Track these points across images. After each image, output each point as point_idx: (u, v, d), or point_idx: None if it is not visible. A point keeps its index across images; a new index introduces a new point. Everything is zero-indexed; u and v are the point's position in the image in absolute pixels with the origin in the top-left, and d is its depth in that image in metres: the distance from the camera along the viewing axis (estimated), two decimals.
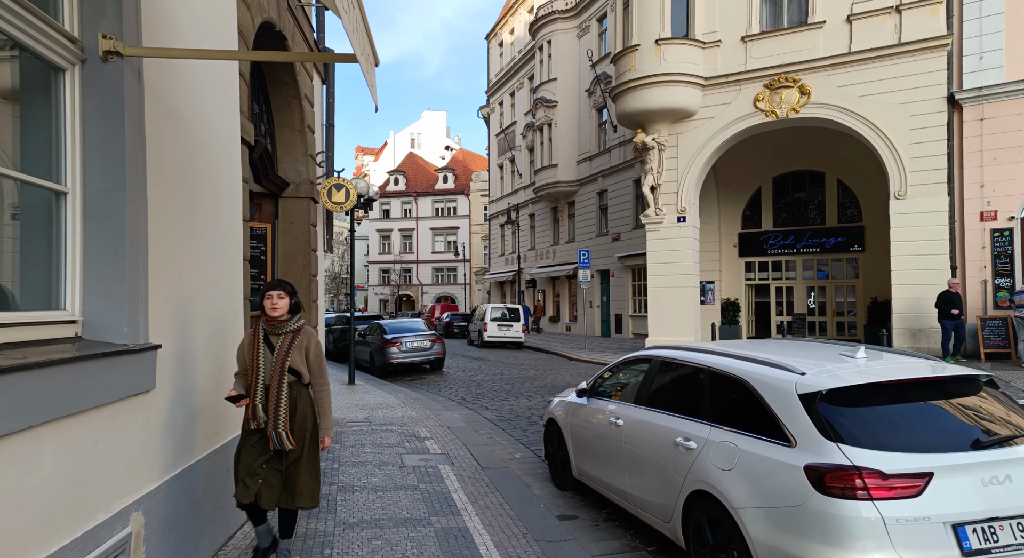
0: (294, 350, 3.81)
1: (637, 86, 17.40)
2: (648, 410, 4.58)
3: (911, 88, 14.48)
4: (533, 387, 13.26)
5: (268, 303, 3.82)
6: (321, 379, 4.04)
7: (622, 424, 4.80)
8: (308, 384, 4.00)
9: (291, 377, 3.84)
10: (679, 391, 4.49)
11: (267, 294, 3.85)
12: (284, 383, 3.76)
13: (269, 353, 3.79)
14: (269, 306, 3.81)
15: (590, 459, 5.40)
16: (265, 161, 6.98)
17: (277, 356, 3.77)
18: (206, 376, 4.08)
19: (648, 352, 5.08)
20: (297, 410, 3.86)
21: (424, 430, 8.59)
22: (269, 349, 3.80)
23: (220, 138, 4.43)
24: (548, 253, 33.61)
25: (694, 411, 4.11)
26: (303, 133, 7.84)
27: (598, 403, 5.41)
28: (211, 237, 4.18)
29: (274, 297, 3.83)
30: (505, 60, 39.85)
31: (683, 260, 17.80)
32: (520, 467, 6.85)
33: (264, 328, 3.85)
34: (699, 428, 3.95)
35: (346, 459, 6.86)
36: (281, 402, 3.73)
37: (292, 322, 3.90)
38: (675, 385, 4.57)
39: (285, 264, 7.89)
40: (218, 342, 4.26)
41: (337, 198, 8.76)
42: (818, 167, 20.51)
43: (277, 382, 3.74)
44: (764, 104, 16.29)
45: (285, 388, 3.76)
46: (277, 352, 3.78)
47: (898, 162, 14.56)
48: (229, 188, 4.59)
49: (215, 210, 4.26)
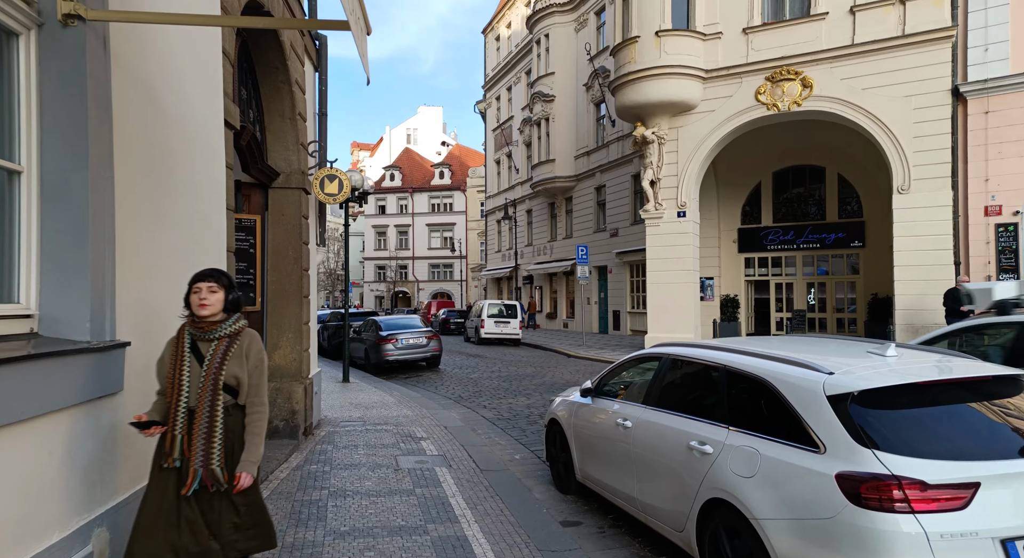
0: (231, 360, 2.95)
1: (637, 79, 17.11)
2: (658, 411, 4.30)
3: (915, 81, 14.24)
4: (532, 385, 12.99)
5: (195, 298, 2.95)
6: (257, 397, 3.08)
7: (630, 426, 4.52)
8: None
9: (227, 397, 2.97)
10: (692, 391, 4.22)
11: (194, 286, 2.97)
12: (218, 405, 2.90)
13: (197, 365, 2.92)
14: (197, 302, 2.94)
15: (595, 462, 5.13)
16: (254, 149, 6.68)
17: (208, 369, 2.90)
18: None
19: (657, 350, 4.80)
20: (234, 442, 3.01)
21: (420, 430, 8.31)
22: (197, 360, 2.93)
23: (201, 119, 4.13)
24: (545, 249, 33.33)
25: (709, 413, 3.84)
26: (294, 121, 7.53)
27: (603, 403, 5.14)
28: (190, 225, 3.88)
29: (203, 290, 2.95)
30: (502, 54, 39.50)
31: (683, 256, 17.54)
32: (520, 469, 6.58)
33: (190, 332, 2.97)
34: (715, 431, 3.67)
35: (338, 461, 6.58)
36: (214, 432, 2.88)
37: (228, 324, 3.01)
38: (687, 385, 4.30)
39: (275, 258, 7.59)
40: None
41: (330, 189, 8.44)
42: (818, 162, 20.28)
43: (208, 405, 2.88)
44: (766, 97, 16.03)
45: (219, 412, 2.91)
46: (208, 364, 2.91)
47: (901, 156, 14.31)
48: (211, 174, 4.29)
49: (194, 196, 3.96)
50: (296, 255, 7.64)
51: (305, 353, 7.73)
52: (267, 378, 3.12)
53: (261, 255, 7.55)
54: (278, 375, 7.49)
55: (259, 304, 7.53)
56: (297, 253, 7.65)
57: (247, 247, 7.44)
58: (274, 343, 7.51)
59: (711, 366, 3.99)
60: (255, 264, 7.49)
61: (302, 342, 7.61)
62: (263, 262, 7.57)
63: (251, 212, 7.52)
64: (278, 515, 4.84)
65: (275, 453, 6.56)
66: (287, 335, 7.55)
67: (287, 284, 7.60)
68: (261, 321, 7.54)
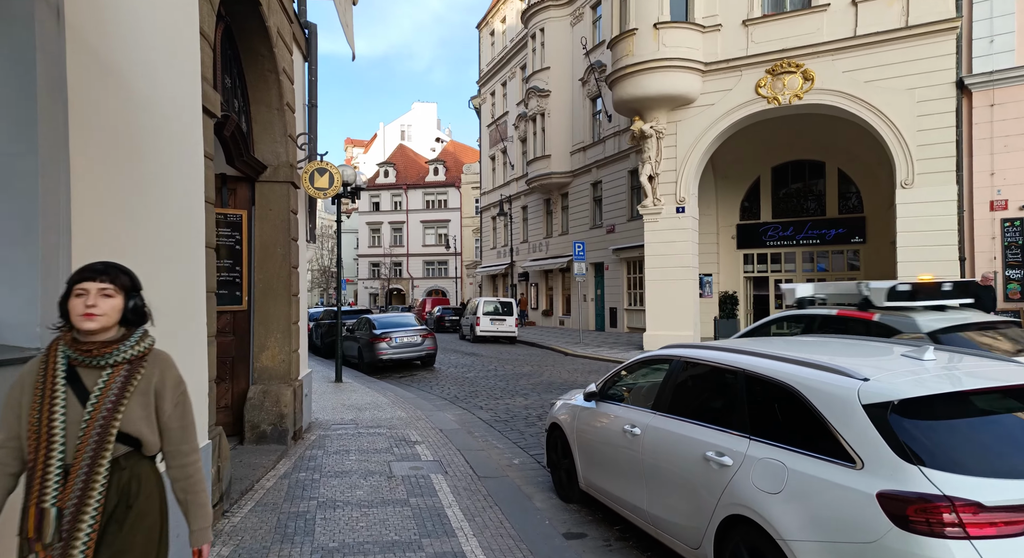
0: (132, 400, 2.02)
1: (635, 72, 16.82)
2: (670, 418, 4.01)
3: (919, 73, 13.98)
4: (529, 385, 12.69)
5: (78, 304, 1.98)
6: (187, 444, 2.19)
7: (639, 433, 4.23)
8: (156, 456, 2.17)
9: (122, 448, 2.02)
10: (707, 397, 3.93)
11: (75, 287, 2.00)
12: (102, 461, 1.94)
13: (77, 404, 1.96)
14: (80, 310, 1.97)
15: (600, 470, 4.83)
16: (239, 140, 6.35)
17: (96, 409, 1.95)
18: None
19: (667, 351, 4.50)
20: (132, 511, 2.03)
21: (415, 433, 8.01)
22: (78, 396, 1.96)
23: (174, 104, 3.80)
24: (541, 246, 33.03)
25: (726, 421, 3.55)
26: (282, 111, 7.20)
27: (609, 408, 4.84)
28: (161, 218, 3.55)
29: (91, 293, 1.99)
30: (497, 49, 39.12)
31: (682, 252, 17.28)
32: (519, 475, 6.28)
33: (66, 354, 2.00)
34: (734, 441, 3.38)
35: (329, 468, 6.27)
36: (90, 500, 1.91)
37: (129, 344, 2.06)
38: (702, 390, 4.01)
39: (262, 254, 7.26)
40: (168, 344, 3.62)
41: (320, 183, 8.12)
42: (818, 157, 20.04)
43: (90, 460, 1.92)
44: (766, 90, 15.75)
45: (102, 471, 1.94)
46: (96, 403, 1.96)
47: (905, 150, 14.06)
48: (186, 163, 3.96)
49: (168, 188, 3.64)
50: (284, 252, 7.32)
51: (294, 354, 7.42)
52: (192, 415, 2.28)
53: (248, 252, 7.23)
54: (265, 377, 7.17)
55: (246, 303, 7.21)
56: (285, 250, 7.33)
57: (233, 243, 7.13)
58: (261, 343, 7.19)
59: (727, 370, 3.70)
60: (241, 261, 7.18)
61: (291, 342, 7.29)
62: (250, 259, 7.25)
63: (237, 207, 7.19)
64: (262, 530, 4.53)
65: (261, 460, 6.25)
66: (275, 335, 7.23)
67: (275, 282, 7.28)
68: (248, 320, 7.23)
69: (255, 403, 6.96)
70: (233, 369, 7.14)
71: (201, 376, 4.13)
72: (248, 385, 7.18)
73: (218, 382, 7.08)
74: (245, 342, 7.22)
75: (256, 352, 7.21)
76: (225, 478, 4.78)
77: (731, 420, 3.52)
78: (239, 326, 7.19)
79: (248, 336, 7.24)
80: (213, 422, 4.52)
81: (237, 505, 4.99)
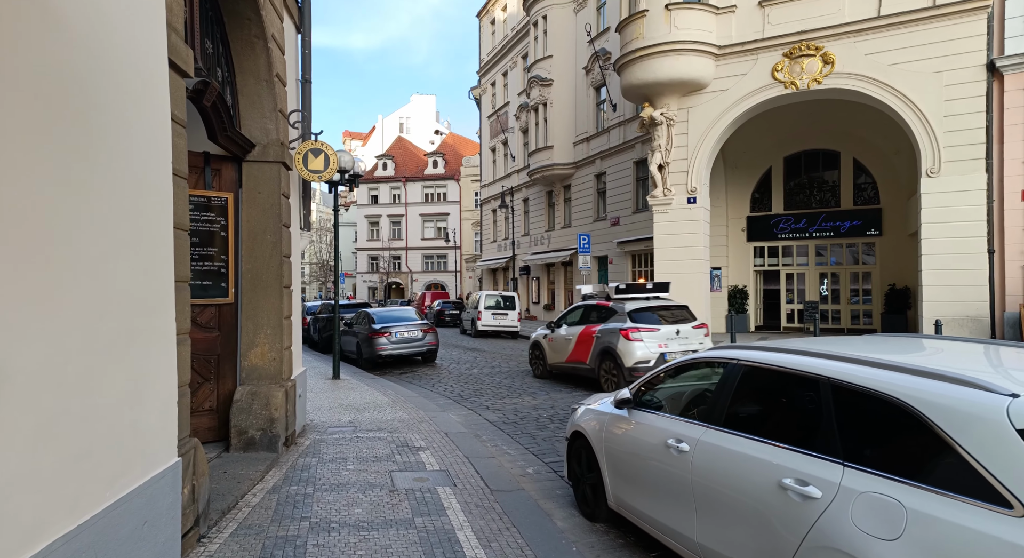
0: None
1: (645, 56, 16.11)
2: (728, 434, 3.35)
3: (946, 55, 13.29)
4: (536, 382, 12.05)
5: None
6: None
7: (687, 449, 3.58)
8: None
9: None
10: (778, 410, 3.28)
11: None
12: None
13: None
14: None
15: (635, 489, 4.18)
16: (222, 113, 5.66)
17: None
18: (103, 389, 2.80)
19: (720, 353, 3.84)
20: None
21: (418, 437, 7.36)
22: None
23: (132, 54, 3.12)
24: (543, 239, 32.35)
25: (808, 441, 2.89)
26: (271, 84, 6.50)
27: (647, 418, 4.19)
28: (112, 191, 2.88)
29: None
30: (497, 38, 38.31)
31: (693, 244, 16.62)
32: (535, 487, 5.64)
33: None
34: (822, 468, 2.73)
35: (323, 480, 5.61)
36: None
37: None
38: (771, 401, 3.35)
39: (251, 242, 6.59)
40: (121, 342, 2.95)
41: (314, 165, 7.43)
42: (833, 146, 19.37)
43: None
44: (783, 75, 15.06)
45: None
46: None
47: (931, 137, 13.39)
48: (147, 127, 3.28)
49: (120, 153, 2.96)
50: (275, 239, 6.65)
51: (286, 352, 6.75)
52: None
53: (235, 239, 6.56)
54: (255, 377, 6.51)
55: (232, 295, 6.54)
56: (276, 237, 6.65)
57: (218, 229, 6.46)
58: (250, 340, 6.52)
59: (806, 377, 3.03)
60: (227, 249, 6.51)
61: (282, 339, 6.63)
62: (237, 247, 6.58)
63: (222, 189, 6.51)
64: None
65: (248, 470, 5.59)
66: (264, 331, 6.56)
67: (265, 273, 6.60)
68: (235, 315, 6.56)
69: (242, 406, 6.30)
70: (219, 368, 6.48)
71: (167, 382, 3.46)
72: (235, 386, 6.52)
73: (202, 382, 6.45)
74: (232, 338, 6.55)
75: (244, 349, 6.54)
76: (202, 498, 4.12)
77: (814, 440, 2.86)
78: (225, 321, 6.53)
79: (235, 332, 6.58)
80: (186, 434, 3.85)
81: (217, 528, 4.34)
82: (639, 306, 10.73)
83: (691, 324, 10.87)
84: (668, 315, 10.82)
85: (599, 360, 10.83)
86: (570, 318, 12.18)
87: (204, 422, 6.35)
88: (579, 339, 11.36)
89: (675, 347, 10.38)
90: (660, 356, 10.18)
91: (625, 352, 10.24)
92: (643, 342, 10.25)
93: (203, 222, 6.37)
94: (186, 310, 3.90)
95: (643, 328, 10.37)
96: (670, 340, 10.41)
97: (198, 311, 6.34)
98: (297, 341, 7.52)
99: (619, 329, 10.44)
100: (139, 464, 3.06)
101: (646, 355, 10.16)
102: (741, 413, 3.43)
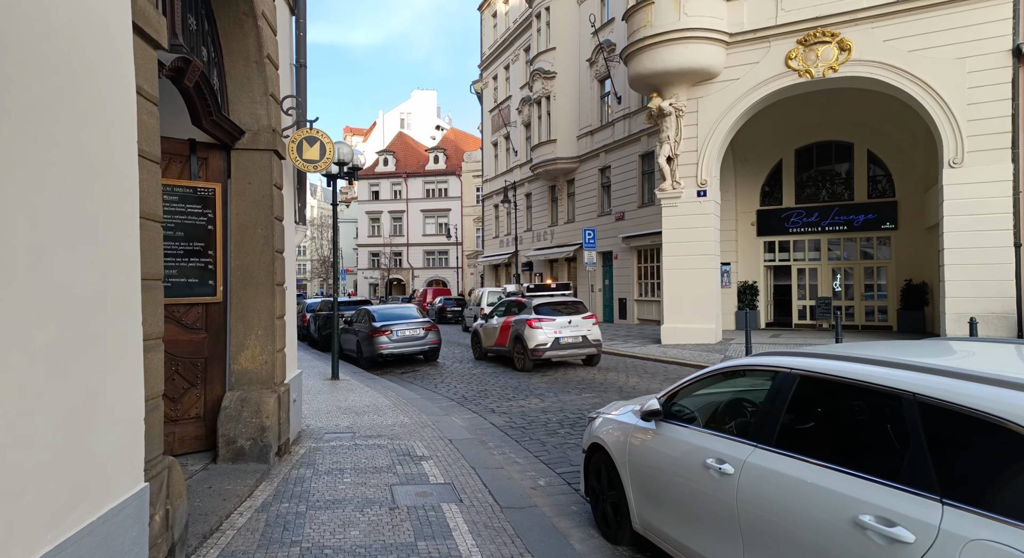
0: None
1: (653, 44, 15.58)
2: (784, 456, 2.88)
3: (970, 40, 12.75)
4: (543, 382, 11.58)
5: None
6: None
7: (731, 472, 3.11)
8: None
9: None
10: (847, 430, 2.79)
11: None
12: None
13: None
14: None
15: (666, 512, 3.72)
16: (206, 94, 5.19)
17: None
18: (40, 411, 2.33)
19: (767, 360, 3.36)
20: None
21: (421, 445, 6.89)
22: None
23: (80, 15, 2.64)
24: (546, 234, 31.85)
25: (890, 470, 2.41)
26: (261, 65, 6.02)
27: (679, 432, 3.71)
28: (53, 171, 2.40)
29: None
30: (499, 31, 37.73)
31: (703, 239, 16.12)
32: (549, 503, 5.17)
33: None
34: (914, 505, 2.25)
35: (318, 495, 5.14)
36: None
37: None
38: (837, 418, 2.87)
39: (240, 236, 6.12)
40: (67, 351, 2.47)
41: (310, 155, 6.94)
42: (846, 137, 18.83)
43: None
44: (797, 63, 14.52)
45: None
46: None
47: (953, 126, 12.87)
48: (103, 100, 2.80)
49: (64, 128, 2.48)
50: (266, 233, 6.17)
51: (279, 354, 6.28)
52: None
53: (223, 233, 6.10)
54: (244, 382, 6.05)
55: (220, 294, 6.08)
56: (268, 231, 6.18)
57: (204, 223, 5.99)
58: (240, 342, 6.06)
59: (884, 392, 2.55)
60: (215, 244, 6.05)
61: (275, 340, 6.16)
62: (225, 242, 6.11)
63: (209, 179, 6.04)
64: None
65: (236, 485, 5.13)
66: (255, 332, 6.09)
67: (255, 269, 6.13)
68: (223, 314, 6.10)
69: (231, 414, 5.83)
70: (206, 372, 6.02)
71: (130, 396, 2.99)
72: (224, 391, 6.06)
73: (188, 388, 5.98)
74: (220, 340, 6.09)
75: (233, 352, 6.08)
76: (178, 523, 3.66)
77: (898, 469, 2.38)
78: (213, 321, 6.06)
79: (224, 333, 6.11)
80: (158, 453, 3.39)
81: (196, 556, 3.87)
82: (542, 302, 13.49)
83: (581, 315, 13.21)
84: (564, 309, 13.28)
85: (513, 344, 13.39)
86: (498, 311, 14.80)
87: (190, 431, 5.90)
88: (502, 327, 14.00)
89: (567, 333, 12.88)
90: (555, 340, 12.74)
91: (529, 337, 12.77)
92: (542, 329, 12.77)
93: (188, 215, 5.90)
94: (158, 312, 3.43)
95: (543, 319, 12.91)
96: (563, 328, 12.89)
97: (183, 311, 5.89)
98: (292, 343, 7.05)
99: (526, 320, 13.01)
100: (91, 497, 2.58)
101: (544, 340, 12.71)
102: (797, 432, 2.95)
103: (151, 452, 3.25)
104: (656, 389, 10.36)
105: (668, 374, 12.02)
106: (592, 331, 13.10)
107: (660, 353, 14.51)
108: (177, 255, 5.81)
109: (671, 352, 14.60)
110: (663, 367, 13.02)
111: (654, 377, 11.70)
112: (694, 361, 13.00)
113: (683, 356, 13.85)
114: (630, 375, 12.08)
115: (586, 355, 13.21)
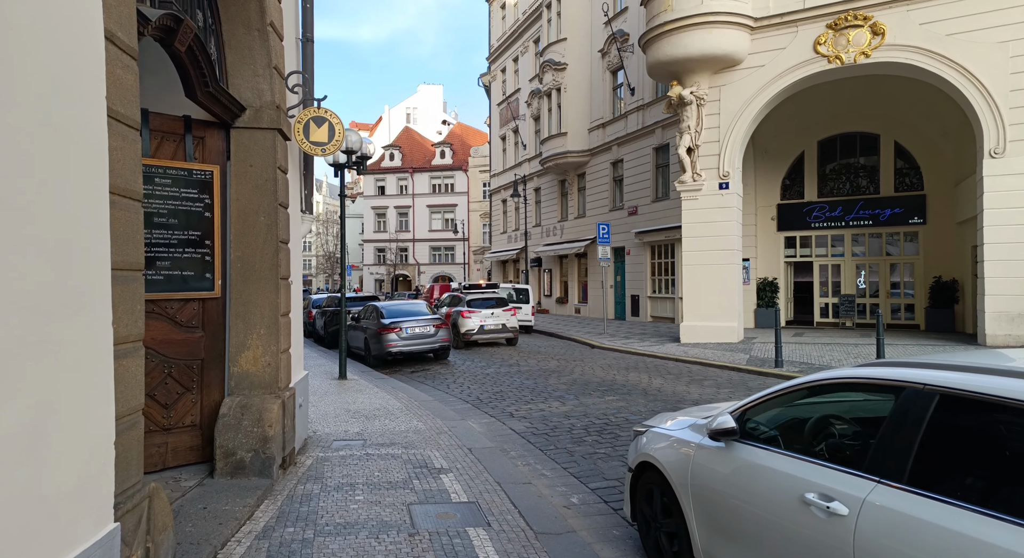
0: None
1: (674, 30, 14.91)
2: (926, 498, 2.25)
3: (1013, 23, 12.07)
4: (561, 383, 10.98)
5: None
6: None
7: (844, 513, 2.49)
8: None
9: None
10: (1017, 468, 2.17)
11: None
12: None
13: None
14: None
15: (743, 553, 3.10)
16: (201, 62, 4.58)
17: None
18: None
19: (884, 372, 2.73)
20: None
21: (438, 455, 6.30)
22: None
23: None
24: (555, 230, 31.22)
25: None
26: (264, 34, 5.41)
27: (760, 456, 3.09)
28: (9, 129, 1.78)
29: None
30: (508, 23, 37.05)
31: (725, 233, 15.46)
32: (587, 526, 4.56)
33: None
34: None
35: (327, 518, 4.55)
36: None
37: None
38: (1006, 452, 2.24)
39: (241, 224, 5.52)
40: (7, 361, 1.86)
41: (317, 137, 6.34)
42: (872, 128, 18.13)
43: None
44: (827, 48, 13.83)
45: None
46: None
47: (995, 114, 12.18)
48: (53, 36, 2.19)
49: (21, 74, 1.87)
50: (270, 221, 5.57)
51: (283, 355, 5.68)
52: None
53: (222, 221, 5.50)
54: (245, 386, 5.45)
55: (218, 288, 5.48)
56: (271, 219, 5.58)
57: (201, 209, 5.40)
58: (240, 341, 5.46)
59: None
60: (213, 233, 5.45)
61: (279, 340, 5.56)
62: (224, 230, 5.52)
63: (206, 161, 5.45)
64: None
65: (234, 505, 4.53)
66: (257, 331, 5.50)
67: (257, 261, 5.54)
68: (222, 311, 5.50)
69: (230, 422, 5.24)
70: (202, 375, 5.43)
71: (95, 415, 2.38)
72: (223, 396, 5.47)
73: (183, 393, 5.38)
74: (219, 340, 5.50)
75: (233, 353, 5.49)
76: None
77: None
78: (210, 318, 5.47)
79: (223, 331, 5.52)
80: (135, 480, 2.79)
81: None
82: (474, 297, 17.63)
83: (502, 308, 17.31)
84: (490, 302, 17.39)
85: (452, 330, 16.33)
86: (445, 303, 19.07)
87: (184, 441, 5.31)
88: (445, 316, 16.85)
89: (490, 322, 16.97)
90: (480, 327, 16.83)
91: (461, 325, 16.82)
92: (471, 319, 16.84)
93: (183, 200, 5.31)
94: (136, 309, 2.83)
95: (473, 310, 17.00)
96: (487, 318, 16.98)
97: (177, 307, 5.30)
98: (297, 342, 6.46)
99: (460, 310, 17.05)
100: (35, 549, 1.98)
101: (472, 326, 16.80)
102: (941, 466, 2.33)
103: (125, 481, 2.65)
104: (684, 392, 9.74)
105: (693, 375, 11.39)
106: (511, 321, 17.30)
107: (681, 353, 13.88)
108: (170, 245, 5.22)
109: (692, 351, 13.97)
110: (686, 367, 12.39)
111: (679, 378, 11.07)
112: (719, 361, 12.37)
113: (706, 356, 13.22)
114: (652, 376, 11.45)
115: (505, 338, 17.38)
